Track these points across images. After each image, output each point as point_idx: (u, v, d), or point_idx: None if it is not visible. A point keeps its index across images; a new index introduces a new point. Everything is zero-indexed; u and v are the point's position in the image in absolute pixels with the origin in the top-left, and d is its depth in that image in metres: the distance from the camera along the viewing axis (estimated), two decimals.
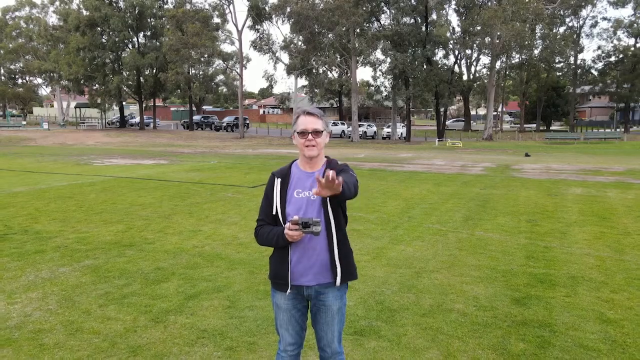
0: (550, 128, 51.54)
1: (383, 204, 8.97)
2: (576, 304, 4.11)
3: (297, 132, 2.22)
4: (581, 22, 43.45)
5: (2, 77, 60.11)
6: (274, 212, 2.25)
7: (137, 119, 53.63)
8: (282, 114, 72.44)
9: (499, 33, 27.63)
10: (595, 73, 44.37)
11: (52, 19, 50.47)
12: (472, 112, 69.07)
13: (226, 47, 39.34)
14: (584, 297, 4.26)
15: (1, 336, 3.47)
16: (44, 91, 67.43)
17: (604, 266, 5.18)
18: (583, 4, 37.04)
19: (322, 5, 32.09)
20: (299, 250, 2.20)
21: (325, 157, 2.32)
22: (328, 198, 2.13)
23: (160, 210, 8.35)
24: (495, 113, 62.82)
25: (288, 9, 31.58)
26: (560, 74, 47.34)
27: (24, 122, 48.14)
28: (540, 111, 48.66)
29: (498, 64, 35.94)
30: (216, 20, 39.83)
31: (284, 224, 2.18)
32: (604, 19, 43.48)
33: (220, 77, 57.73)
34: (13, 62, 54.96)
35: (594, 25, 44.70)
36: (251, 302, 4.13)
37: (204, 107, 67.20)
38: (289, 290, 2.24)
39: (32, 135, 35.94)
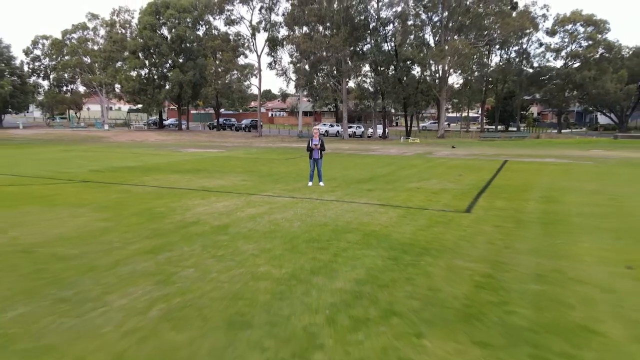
0: (508, 129, 63.13)
1: (346, 164, 20.46)
2: (399, 180, 15.62)
3: (313, 129, 13.82)
4: (527, 45, 55.16)
5: (52, 86, 71.75)
6: (309, 146, 13.78)
7: (169, 121, 65.32)
8: (287, 116, 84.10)
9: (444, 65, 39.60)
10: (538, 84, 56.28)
11: (101, 40, 61.93)
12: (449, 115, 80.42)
13: (240, 60, 50.72)
14: (403, 176, 15.76)
15: (228, 183, 14.96)
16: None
17: (419, 175, 16.67)
18: (520, 34, 48.69)
19: (321, 34, 43.72)
20: (314, 152, 13.77)
21: (319, 135, 13.91)
22: (319, 146, 13.75)
23: (251, 165, 19.79)
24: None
25: (295, 41, 43.15)
26: (511, 84, 59.09)
27: (83, 124, 59.79)
28: (498, 116, 60.29)
29: (450, 81, 47.73)
30: (235, 38, 51.42)
31: (311, 147, 13.72)
32: (541, 44, 55.06)
33: (234, 85, 69.39)
34: (66, 73, 66.55)
35: (539, 46, 56.54)
36: (300, 180, 15.56)
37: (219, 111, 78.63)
38: (312, 159, 13.82)
39: (103, 135, 47.37)
